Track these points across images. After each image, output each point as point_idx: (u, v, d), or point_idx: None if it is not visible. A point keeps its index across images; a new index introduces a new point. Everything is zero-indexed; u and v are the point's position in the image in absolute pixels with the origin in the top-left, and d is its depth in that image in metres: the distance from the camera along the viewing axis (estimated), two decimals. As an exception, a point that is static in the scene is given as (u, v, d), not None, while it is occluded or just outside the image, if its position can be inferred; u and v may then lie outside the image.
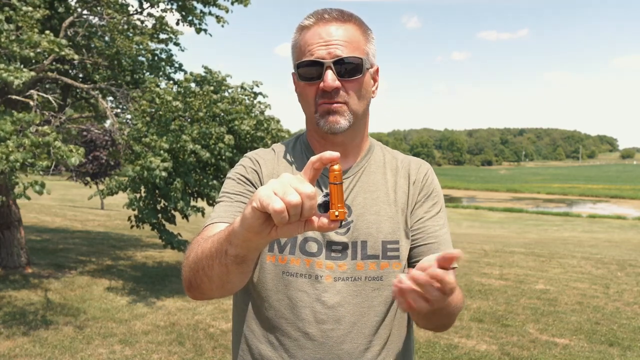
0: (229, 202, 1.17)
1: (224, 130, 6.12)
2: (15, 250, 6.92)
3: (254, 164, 1.23)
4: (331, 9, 1.15)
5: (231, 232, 0.87)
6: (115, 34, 6.49)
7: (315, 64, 1.10)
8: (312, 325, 1.13)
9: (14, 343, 4.38)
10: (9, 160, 4.32)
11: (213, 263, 0.95)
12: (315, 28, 1.13)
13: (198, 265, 0.99)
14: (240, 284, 1.03)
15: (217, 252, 0.93)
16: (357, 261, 1.15)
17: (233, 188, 1.20)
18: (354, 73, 1.12)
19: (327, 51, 1.10)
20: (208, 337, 4.77)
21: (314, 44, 1.11)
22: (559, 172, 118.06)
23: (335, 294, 1.14)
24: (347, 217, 1.17)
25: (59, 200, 25.58)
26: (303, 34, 1.14)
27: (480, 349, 4.64)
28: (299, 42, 1.15)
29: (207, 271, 0.97)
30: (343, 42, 1.11)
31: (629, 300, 6.65)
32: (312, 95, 1.14)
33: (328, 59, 1.10)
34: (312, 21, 1.14)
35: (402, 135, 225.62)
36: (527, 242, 15.11)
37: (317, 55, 1.10)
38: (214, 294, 1.04)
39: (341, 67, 1.11)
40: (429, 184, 1.25)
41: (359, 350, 1.14)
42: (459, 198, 51.49)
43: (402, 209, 1.21)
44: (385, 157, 1.28)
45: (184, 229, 11.25)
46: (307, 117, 1.20)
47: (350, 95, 1.13)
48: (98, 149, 16.49)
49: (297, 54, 1.16)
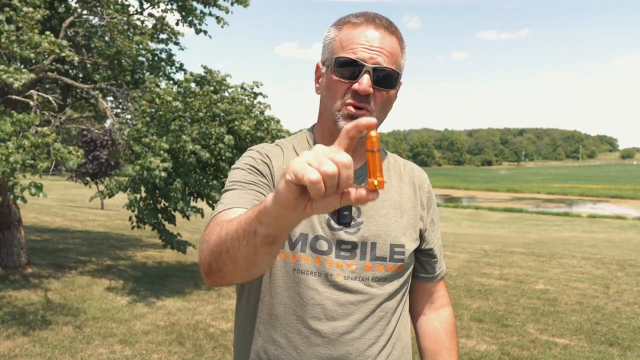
0: (242, 190, 1.12)
1: (224, 130, 6.12)
2: (15, 250, 6.92)
3: (263, 157, 1.21)
4: (382, 16, 1.16)
5: (262, 211, 0.82)
6: (115, 34, 6.48)
7: (356, 63, 1.11)
8: (323, 323, 1.15)
9: (14, 343, 4.38)
10: (9, 161, 4.32)
11: (239, 245, 0.89)
12: (362, 28, 1.13)
13: (221, 248, 0.94)
14: (266, 267, 0.97)
15: (244, 233, 0.87)
16: (366, 262, 1.18)
17: (245, 177, 1.16)
18: (388, 85, 1.14)
19: (369, 55, 1.11)
20: (208, 337, 4.77)
21: (358, 44, 1.11)
22: (559, 172, 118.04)
23: (345, 292, 1.16)
24: (357, 217, 1.19)
25: (59, 200, 25.58)
26: (347, 30, 1.14)
27: (480, 349, 4.64)
28: (340, 36, 1.15)
29: (232, 254, 0.91)
30: (386, 52, 1.12)
31: (629, 300, 6.66)
32: (342, 93, 1.13)
33: (369, 63, 1.10)
34: (360, 20, 1.14)
35: (402, 135, 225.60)
36: (527, 242, 15.12)
37: (360, 56, 1.10)
38: (236, 277, 0.98)
39: (378, 75, 1.11)
40: (432, 197, 1.33)
41: (367, 346, 1.17)
42: (459, 198, 51.50)
43: (409, 214, 1.25)
44: (389, 162, 1.30)
45: (184, 228, 11.26)
46: (327, 110, 1.18)
47: (377, 104, 1.14)
48: (98, 149, 16.50)
49: (335, 47, 1.15)
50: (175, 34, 7.39)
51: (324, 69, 1.19)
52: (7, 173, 4.34)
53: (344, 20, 1.17)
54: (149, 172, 5.33)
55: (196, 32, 7.22)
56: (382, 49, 1.11)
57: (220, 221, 1.00)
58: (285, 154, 1.24)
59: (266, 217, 0.81)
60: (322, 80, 1.20)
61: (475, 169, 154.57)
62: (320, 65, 1.21)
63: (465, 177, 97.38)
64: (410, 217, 1.25)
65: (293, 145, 1.27)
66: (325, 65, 1.18)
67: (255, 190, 1.13)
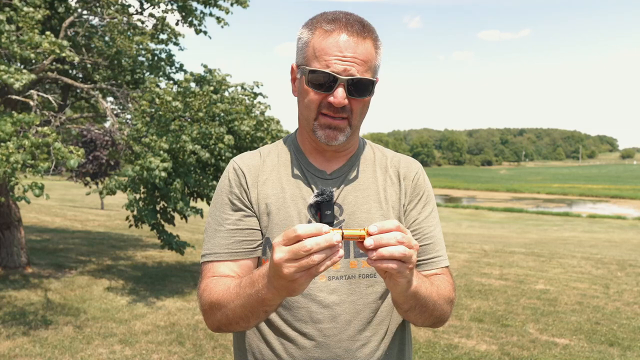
0: (225, 234, 1.20)
1: (223, 130, 6.11)
2: (15, 250, 6.93)
3: (238, 177, 1.23)
4: (353, 20, 1.13)
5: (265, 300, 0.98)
6: (116, 34, 6.48)
7: (329, 76, 1.10)
8: (309, 325, 1.15)
9: (14, 343, 4.38)
10: (10, 161, 4.32)
11: (250, 320, 1.06)
12: (334, 37, 1.10)
13: (231, 323, 1.09)
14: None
15: (253, 315, 1.05)
16: (350, 259, 1.17)
17: (227, 217, 1.21)
18: (364, 93, 1.13)
19: (343, 67, 1.09)
20: (208, 337, 4.77)
21: (331, 56, 1.10)
22: (559, 172, 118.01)
23: (329, 293, 1.15)
24: (339, 215, 1.19)
25: (59, 200, 25.58)
26: (320, 37, 1.12)
27: (480, 349, 4.65)
28: (313, 44, 1.12)
29: (244, 325, 1.09)
30: (359, 61, 1.10)
31: (629, 300, 6.66)
32: (317, 103, 1.13)
33: (343, 76, 1.09)
34: (332, 27, 1.11)
35: (402, 135, 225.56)
36: (527, 242, 15.11)
37: (333, 69, 1.09)
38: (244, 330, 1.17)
39: (353, 86, 1.11)
40: (420, 184, 1.26)
41: (356, 347, 1.16)
42: (459, 198, 51.49)
43: (393, 207, 1.23)
44: (375, 155, 1.29)
45: (184, 229, 11.26)
46: (304, 119, 1.19)
47: (354, 112, 1.14)
48: (98, 149, 16.50)
49: (309, 54, 1.13)
50: (176, 35, 7.39)
51: (299, 73, 1.17)
52: (8, 173, 4.34)
53: (317, 24, 1.14)
54: (149, 172, 5.33)
55: (196, 32, 7.23)
56: (355, 59, 1.10)
57: (218, 292, 1.11)
58: (264, 162, 1.25)
59: (271, 302, 0.98)
60: (298, 85, 1.19)
61: (475, 169, 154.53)
62: (295, 68, 1.20)
63: (465, 177, 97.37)
64: (395, 210, 1.23)
65: (273, 153, 1.27)
66: (300, 70, 1.17)
67: (237, 232, 1.20)
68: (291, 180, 1.21)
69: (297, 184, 1.21)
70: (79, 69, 7.57)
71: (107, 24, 6.48)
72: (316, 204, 1.17)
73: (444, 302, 1.15)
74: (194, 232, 12.42)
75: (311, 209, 1.18)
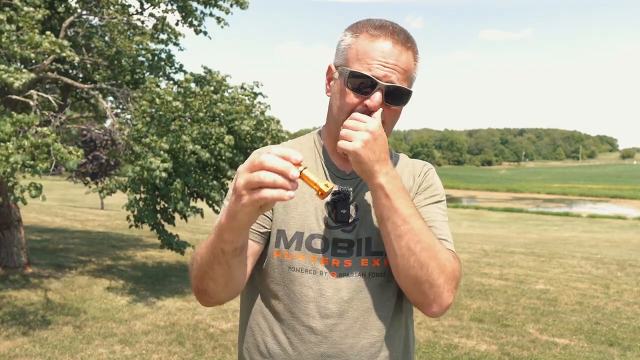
0: None
1: (224, 130, 6.11)
2: (15, 250, 6.92)
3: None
4: (399, 30, 1.15)
5: (222, 229, 0.98)
6: (116, 34, 6.48)
7: (370, 80, 1.11)
8: (317, 320, 1.16)
9: (14, 343, 4.38)
10: (9, 161, 4.32)
11: (213, 266, 1.04)
12: (380, 42, 1.12)
13: (201, 272, 1.09)
14: (243, 278, 1.13)
15: (214, 257, 1.03)
16: (362, 257, 1.18)
17: None
18: (399, 102, 1.15)
19: (384, 73, 1.11)
20: (208, 337, 4.77)
21: (374, 60, 1.11)
22: (559, 172, 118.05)
23: (339, 289, 1.17)
24: (354, 215, 1.21)
25: (59, 200, 25.58)
26: (364, 41, 1.14)
27: (480, 349, 4.65)
28: (357, 46, 1.14)
29: (210, 274, 1.07)
30: (400, 69, 1.12)
31: (629, 300, 6.66)
32: (352, 105, 1.14)
33: (383, 82, 1.11)
34: (378, 33, 1.13)
35: (402, 135, 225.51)
36: (527, 242, 15.11)
37: (375, 73, 1.11)
38: (220, 295, 1.13)
39: (390, 93, 1.12)
40: (429, 178, 1.29)
41: (361, 344, 1.17)
42: (459, 198, 51.49)
43: None
44: (392, 159, 1.31)
45: (184, 228, 11.26)
46: (333, 120, 1.21)
47: (386, 120, 1.15)
48: (98, 149, 16.50)
49: (351, 56, 1.15)
50: (176, 35, 7.39)
51: (336, 74, 1.19)
52: (8, 173, 4.34)
53: (362, 29, 1.16)
54: (149, 173, 5.33)
55: (196, 32, 7.22)
56: (396, 67, 1.12)
57: (199, 246, 1.13)
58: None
59: (226, 233, 0.98)
60: (334, 86, 1.20)
61: (475, 169, 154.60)
62: (333, 69, 1.21)
63: (465, 177, 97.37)
64: None
65: (301, 145, 1.30)
66: (338, 71, 1.18)
67: None
68: None
69: None
70: (79, 69, 7.56)
71: (107, 24, 6.47)
72: (332, 202, 1.19)
73: (443, 257, 1.09)
74: (194, 232, 12.42)
75: (328, 206, 1.20)
